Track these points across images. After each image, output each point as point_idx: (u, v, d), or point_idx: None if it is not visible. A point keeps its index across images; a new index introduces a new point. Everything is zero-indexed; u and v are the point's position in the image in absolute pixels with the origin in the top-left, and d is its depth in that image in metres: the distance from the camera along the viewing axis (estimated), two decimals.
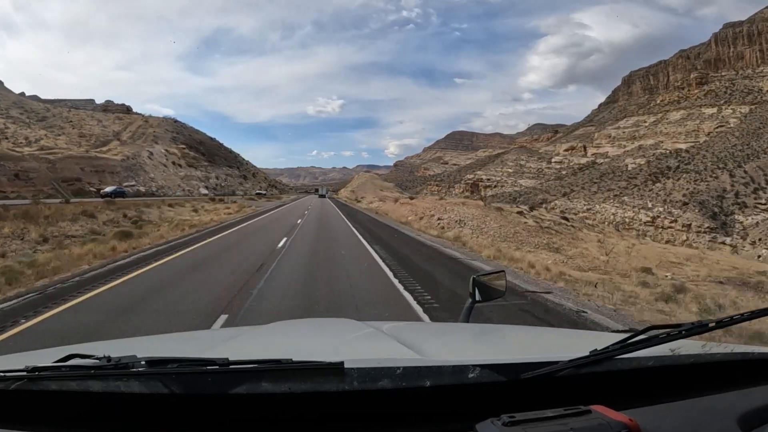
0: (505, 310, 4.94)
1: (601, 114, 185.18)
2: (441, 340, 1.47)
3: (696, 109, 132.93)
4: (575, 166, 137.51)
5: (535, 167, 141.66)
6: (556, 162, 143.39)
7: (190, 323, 4.55)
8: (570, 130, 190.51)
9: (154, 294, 5.92)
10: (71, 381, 0.75)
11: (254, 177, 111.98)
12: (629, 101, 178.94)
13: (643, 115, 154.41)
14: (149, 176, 53.25)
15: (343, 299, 5.72)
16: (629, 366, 0.81)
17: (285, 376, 0.74)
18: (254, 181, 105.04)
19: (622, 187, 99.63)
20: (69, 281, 6.63)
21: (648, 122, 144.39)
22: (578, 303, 5.87)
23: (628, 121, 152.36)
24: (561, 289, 6.82)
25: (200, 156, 79.65)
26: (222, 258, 9.31)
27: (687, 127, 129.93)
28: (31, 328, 4.40)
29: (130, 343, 1.69)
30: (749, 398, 0.77)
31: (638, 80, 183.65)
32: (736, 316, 0.83)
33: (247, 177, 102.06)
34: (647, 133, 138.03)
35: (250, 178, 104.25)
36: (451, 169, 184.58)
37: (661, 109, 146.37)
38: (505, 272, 1.88)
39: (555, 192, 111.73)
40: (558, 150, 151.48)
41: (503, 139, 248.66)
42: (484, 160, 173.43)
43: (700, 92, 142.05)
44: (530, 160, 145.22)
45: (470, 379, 0.75)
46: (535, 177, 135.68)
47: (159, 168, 57.64)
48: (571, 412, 0.66)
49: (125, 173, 49.65)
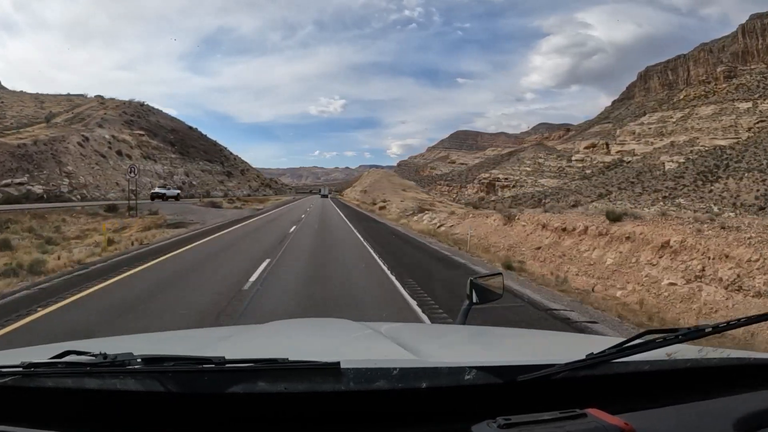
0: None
1: (618, 111, 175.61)
2: (438, 342, 1.49)
3: (728, 104, 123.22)
4: (600, 165, 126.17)
5: (555, 165, 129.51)
6: (577, 160, 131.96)
7: None
8: (584, 127, 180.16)
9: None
10: (67, 378, 0.74)
11: (242, 175, 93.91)
12: (647, 97, 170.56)
13: (667, 110, 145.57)
14: (65, 170, 35.44)
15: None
16: (626, 370, 0.80)
17: (281, 375, 0.73)
18: (242, 180, 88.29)
19: (670, 188, 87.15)
20: None
21: (675, 118, 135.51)
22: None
23: (651, 117, 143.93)
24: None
25: (167, 146, 61.47)
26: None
27: (722, 122, 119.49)
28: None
29: (126, 340, 1.71)
30: (745, 403, 0.76)
31: (656, 75, 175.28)
32: (733, 321, 0.83)
33: (233, 174, 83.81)
34: (676, 129, 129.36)
35: (236, 176, 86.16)
36: (459, 169, 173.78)
37: (687, 104, 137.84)
38: (503, 275, 1.85)
39: (589, 192, 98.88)
40: (578, 147, 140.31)
41: (508, 139, 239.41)
42: (495, 158, 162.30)
43: (729, 86, 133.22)
44: (549, 158, 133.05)
45: (467, 380, 0.74)
46: (556, 176, 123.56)
47: (89, 159, 39.83)
48: (567, 415, 0.66)
49: (16, 163, 32.19)
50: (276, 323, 2.13)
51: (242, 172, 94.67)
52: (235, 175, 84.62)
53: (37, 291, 6.53)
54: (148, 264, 9.14)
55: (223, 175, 77.79)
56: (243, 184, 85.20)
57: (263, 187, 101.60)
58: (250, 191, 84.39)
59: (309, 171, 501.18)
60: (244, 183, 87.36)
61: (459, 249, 13.77)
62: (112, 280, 7.43)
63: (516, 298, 6.91)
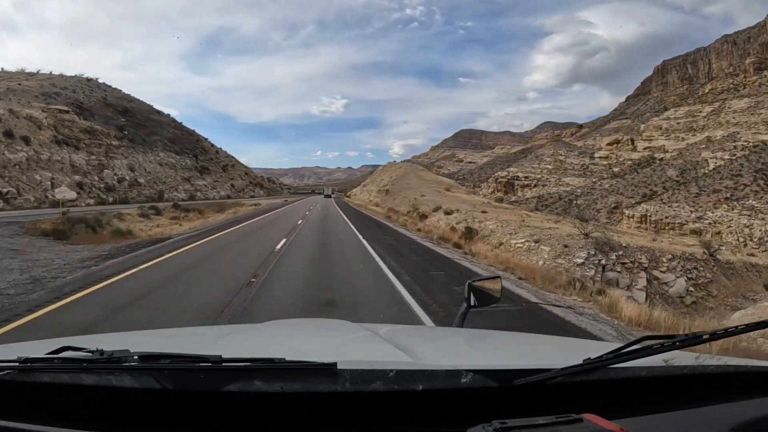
0: None
1: (635, 106, 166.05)
2: (435, 345, 1.49)
3: (764, 97, 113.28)
4: (627, 162, 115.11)
5: (578, 163, 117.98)
6: (601, 157, 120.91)
7: None
8: (598, 124, 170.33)
9: None
10: (63, 373, 0.74)
11: (225, 171, 78.66)
12: (665, 92, 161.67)
13: (694, 104, 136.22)
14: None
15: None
16: (622, 375, 0.80)
17: (278, 375, 0.74)
18: (221, 177, 73.25)
19: (730, 188, 74.86)
20: None
21: (705, 112, 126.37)
22: None
23: (677, 112, 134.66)
24: None
25: (108, 129, 46.56)
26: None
27: (762, 116, 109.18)
28: None
29: (124, 337, 1.69)
30: (742, 411, 0.76)
31: (674, 69, 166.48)
32: (731, 328, 0.83)
33: (209, 170, 68.79)
34: (708, 123, 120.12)
35: (215, 173, 71.14)
36: (468, 167, 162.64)
37: (717, 98, 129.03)
38: (501, 278, 1.86)
39: (631, 193, 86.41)
40: (599, 144, 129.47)
41: (513, 138, 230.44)
42: (508, 157, 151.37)
43: (761, 78, 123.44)
44: (570, 155, 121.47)
45: (463, 384, 0.75)
46: (581, 174, 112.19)
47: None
48: (563, 420, 0.66)
49: None
50: (274, 323, 2.11)
51: (225, 168, 78.56)
52: (212, 171, 68.58)
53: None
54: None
55: (195, 171, 61.47)
56: (222, 182, 69.16)
57: (252, 187, 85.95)
58: (232, 191, 69.17)
59: (311, 171, 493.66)
60: (225, 181, 71.16)
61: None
62: None
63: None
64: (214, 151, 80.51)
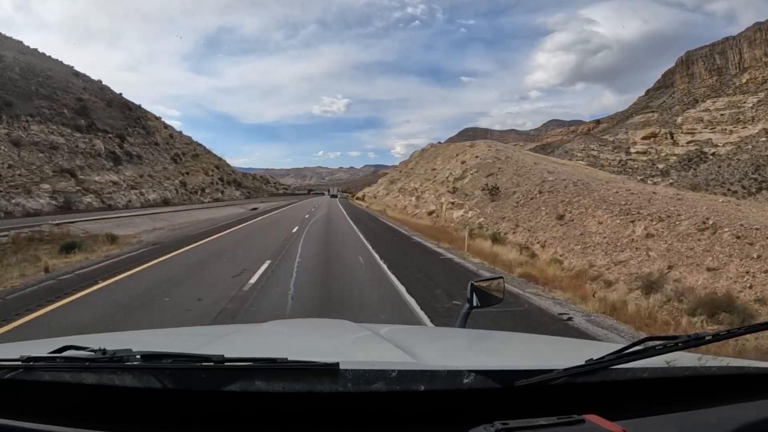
0: None
1: (659, 99, 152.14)
2: (437, 345, 1.48)
3: None
4: (672, 157, 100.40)
5: (614, 158, 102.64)
6: (638, 152, 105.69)
7: None
8: (618, 119, 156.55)
9: None
10: (65, 372, 0.74)
11: (177, 162, 51.60)
12: (692, 84, 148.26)
13: (734, 95, 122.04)
14: None
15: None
16: (624, 377, 0.80)
17: (279, 375, 0.73)
18: (171, 170, 47.47)
19: None
20: None
21: (750, 103, 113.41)
22: None
23: (715, 103, 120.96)
24: None
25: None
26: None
27: None
28: None
29: (126, 336, 1.68)
30: (744, 412, 0.75)
31: (700, 60, 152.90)
32: (733, 329, 0.83)
33: (143, 158, 43.09)
34: (758, 115, 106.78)
35: (156, 162, 45.59)
36: None
37: (760, 88, 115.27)
38: (504, 278, 1.83)
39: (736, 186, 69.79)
40: (633, 138, 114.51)
41: (519, 136, 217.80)
42: None
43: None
44: (603, 150, 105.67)
45: (464, 384, 0.74)
46: (620, 170, 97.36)
47: None
48: (565, 421, 0.66)
49: None
50: (276, 322, 2.10)
51: (177, 157, 52.13)
52: (148, 160, 43.18)
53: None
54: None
55: (104, 159, 35.76)
56: (163, 178, 43.36)
57: (224, 185, 65.87)
58: (182, 193, 45.21)
59: (313, 171, 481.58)
60: (173, 176, 45.84)
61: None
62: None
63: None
64: (168, 135, 57.77)
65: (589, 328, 5.51)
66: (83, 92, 43.92)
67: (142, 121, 51.58)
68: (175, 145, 57.24)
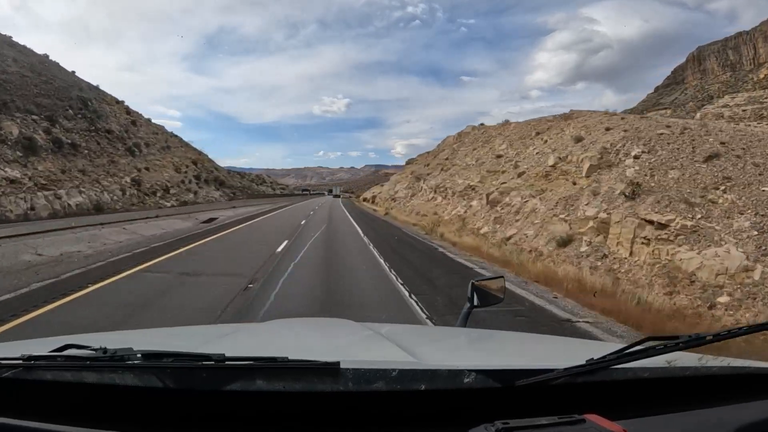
0: None
1: (670, 96, 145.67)
2: (438, 345, 1.49)
3: None
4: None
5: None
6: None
7: None
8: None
9: None
10: (66, 371, 0.74)
11: (134, 154, 40.38)
12: (705, 80, 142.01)
13: (754, 90, 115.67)
14: None
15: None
16: (625, 376, 0.80)
17: (280, 374, 0.73)
18: (125, 166, 36.43)
19: None
20: None
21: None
22: None
23: (734, 99, 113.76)
24: None
25: None
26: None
27: None
28: None
29: (128, 335, 1.69)
30: (745, 412, 0.75)
31: (713, 56, 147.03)
32: (734, 329, 0.83)
33: (80, 148, 31.80)
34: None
35: (100, 154, 34.25)
36: None
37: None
38: (504, 277, 1.84)
39: None
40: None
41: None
42: None
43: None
44: None
45: (465, 384, 0.74)
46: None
47: None
48: (565, 421, 0.66)
49: None
50: (277, 322, 2.11)
51: (136, 148, 41.32)
52: (88, 150, 33.08)
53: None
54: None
55: (17, 148, 25.61)
56: (105, 175, 32.77)
57: (203, 185, 51.91)
58: (127, 195, 33.78)
59: (314, 171, 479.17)
60: (125, 173, 35.70)
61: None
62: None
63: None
64: (129, 122, 46.32)
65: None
66: (11, 64, 35.07)
67: (93, 104, 42.35)
68: (137, 134, 47.86)
